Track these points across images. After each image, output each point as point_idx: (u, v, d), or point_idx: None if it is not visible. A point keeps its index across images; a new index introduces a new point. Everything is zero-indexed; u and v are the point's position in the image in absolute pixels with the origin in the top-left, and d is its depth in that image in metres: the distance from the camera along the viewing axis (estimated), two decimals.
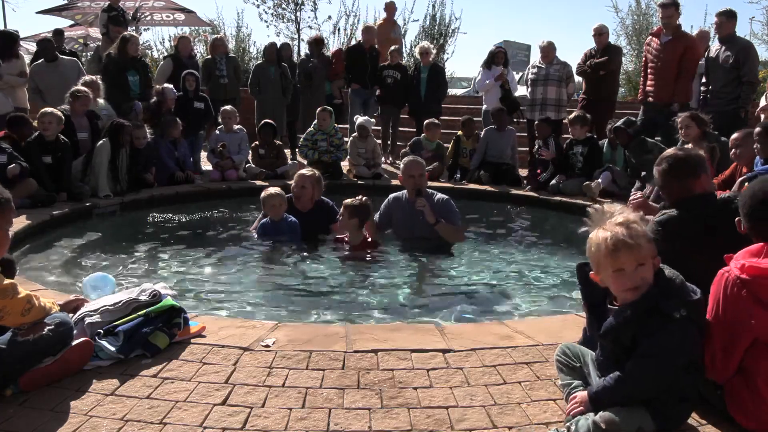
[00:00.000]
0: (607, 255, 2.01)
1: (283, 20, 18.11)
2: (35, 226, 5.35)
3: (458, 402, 2.30)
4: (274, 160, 8.43)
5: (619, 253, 1.98)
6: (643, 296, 2.00)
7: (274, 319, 3.29)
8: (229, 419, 2.17)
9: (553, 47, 8.90)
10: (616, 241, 1.98)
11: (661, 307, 1.97)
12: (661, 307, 1.97)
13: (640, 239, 1.99)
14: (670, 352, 1.97)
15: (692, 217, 2.80)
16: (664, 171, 2.97)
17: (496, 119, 8.50)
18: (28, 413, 2.21)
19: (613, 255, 1.99)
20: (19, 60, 7.91)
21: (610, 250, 1.99)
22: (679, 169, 2.94)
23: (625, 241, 1.97)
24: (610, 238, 2.00)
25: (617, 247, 1.98)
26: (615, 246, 1.98)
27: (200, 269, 4.62)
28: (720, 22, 7.55)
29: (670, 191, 2.98)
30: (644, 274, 2.00)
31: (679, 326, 1.97)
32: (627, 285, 2.01)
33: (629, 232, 1.99)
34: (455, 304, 3.91)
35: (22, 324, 2.47)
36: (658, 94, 7.59)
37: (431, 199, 4.98)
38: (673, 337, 1.96)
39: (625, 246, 1.97)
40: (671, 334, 1.96)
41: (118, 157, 6.69)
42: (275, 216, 5.05)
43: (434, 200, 4.98)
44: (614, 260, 2.00)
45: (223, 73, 9.26)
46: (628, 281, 2.00)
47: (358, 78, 9.66)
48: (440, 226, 4.83)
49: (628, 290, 2.01)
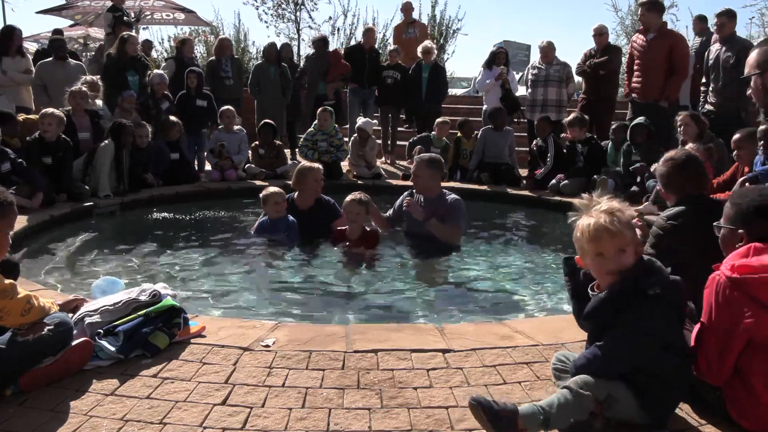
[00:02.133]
0: (590, 240, 2.12)
1: (283, 20, 18.16)
2: (35, 226, 5.35)
3: (458, 402, 2.30)
4: (274, 160, 8.44)
5: (601, 238, 2.09)
6: (623, 278, 2.09)
7: (274, 319, 3.29)
8: (229, 419, 2.17)
9: (553, 47, 8.91)
10: (599, 227, 2.09)
11: (639, 284, 2.07)
12: (639, 284, 2.07)
13: (623, 226, 2.09)
14: (643, 327, 2.05)
15: (701, 212, 2.83)
16: (673, 169, 3.01)
17: (493, 119, 8.48)
18: (28, 413, 2.21)
19: (595, 240, 2.11)
20: (24, 58, 7.93)
21: (593, 236, 2.11)
22: (686, 168, 2.98)
23: (607, 227, 2.08)
24: (594, 224, 2.11)
25: (599, 233, 2.09)
26: (597, 231, 2.09)
27: (200, 269, 4.62)
28: (721, 22, 7.54)
29: (677, 189, 3.00)
30: (625, 259, 2.10)
31: (654, 302, 2.05)
32: (608, 269, 2.11)
33: (612, 219, 2.09)
34: (455, 304, 3.91)
35: (22, 324, 2.47)
36: (643, 92, 7.58)
37: (442, 199, 4.99)
38: (645, 311, 2.05)
39: (607, 232, 2.08)
40: (644, 309, 2.05)
41: (121, 157, 6.70)
42: (274, 215, 5.05)
43: (445, 200, 4.99)
44: (596, 245, 2.11)
45: (228, 74, 9.27)
46: (609, 265, 2.10)
47: (357, 78, 9.67)
48: (431, 225, 4.83)
49: (609, 274, 2.12)
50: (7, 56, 7.68)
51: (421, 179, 5.01)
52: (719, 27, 7.64)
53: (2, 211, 2.42)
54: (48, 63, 7.92)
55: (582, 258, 2.23)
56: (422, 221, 4.85)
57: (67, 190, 6.27)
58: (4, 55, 7.67)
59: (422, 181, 5.02)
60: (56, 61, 7.91)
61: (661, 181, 3.23)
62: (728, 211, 2.30)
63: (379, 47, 16.33)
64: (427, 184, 5.02)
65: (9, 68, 7.65)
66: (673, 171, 3.07)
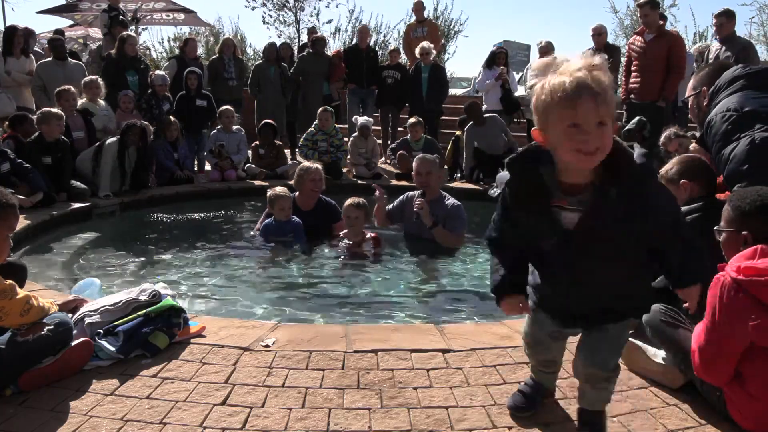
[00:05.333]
0: (565, 101, 1.56)
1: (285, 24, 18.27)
2: (35, 226, 5.35)
3: (458, 402, 2.30)
4: (273, 160, 8.45)
5: (581, 99, 1.54)
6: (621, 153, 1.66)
7: (274, 319, 3.29)
8: (229, 419, 2.17)
9: (552, 48, 8.91)
10: (579, 83, 1.55)
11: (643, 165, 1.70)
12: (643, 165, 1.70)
13: (607, 89, 1.58)
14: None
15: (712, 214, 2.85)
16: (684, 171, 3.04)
17: (470, 114, 8.26)
18: (28, 413, 2.21)
19: (572, 101, 1.55)
20: (28, 59, 7.94)
21: (570, 95, 1.55)
22: (697, 170, 3.02)
23: (590, 85, 1.55)
24: (571, 80, 1.56)
25: (579, 92, 1.54)
26: (578, 89, 1.55)
27: (200, 269, 4.62)
28: (720, 22, 7.56)
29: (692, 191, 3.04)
30: (605, 136, 1.59)
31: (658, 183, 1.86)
32: (587, 145, 1.58)
33: (594, 77, 1.56)
34: (455, 304, 3.91)
35: (22, 324, 2.47)
36: (641, 93, 7.59)
37: (442, 202, 4.97)
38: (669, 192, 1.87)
39: (589, 91, 1.55)
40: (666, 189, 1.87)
41: (125, 156, 6.71)
42: (282, 217, 5.01)
43: (444, 203, 4.97)
44: (573, 109, 1.56)
45: (231, 75, 9.27)
46: (590, 140, 1.57)
47: (355, 78, 9.67)
48: (437, 231, 4.83)
49: (586, 154, 1.59)
50: (12, 56, 7.69)
51: (433, 177, 4.99)
52: (718, 27, 7.65)
53: (2, 213, 2.42)
54: (48, 63, 7.92)
55: (544, 129, 1.66)
56: (428, 227, 4.83)
57: (67, 190, 6.27)
58: (8, 56, 7.68)
59: (434, 180, 5.00)
60: (56, 61, 7.91)
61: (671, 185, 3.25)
62: (729, 214, 2.28)
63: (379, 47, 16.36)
64: (436, 183, 5.02)
65: (13, 69, 7.66)
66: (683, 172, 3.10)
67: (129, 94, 7.85)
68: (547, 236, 1.82)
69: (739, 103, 2.90)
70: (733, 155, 2.80)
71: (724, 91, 3.06)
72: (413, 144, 8.50)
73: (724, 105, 2.96)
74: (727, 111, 2.90)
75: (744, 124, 2.81)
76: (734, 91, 3.01)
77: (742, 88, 2.99)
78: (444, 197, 5.04)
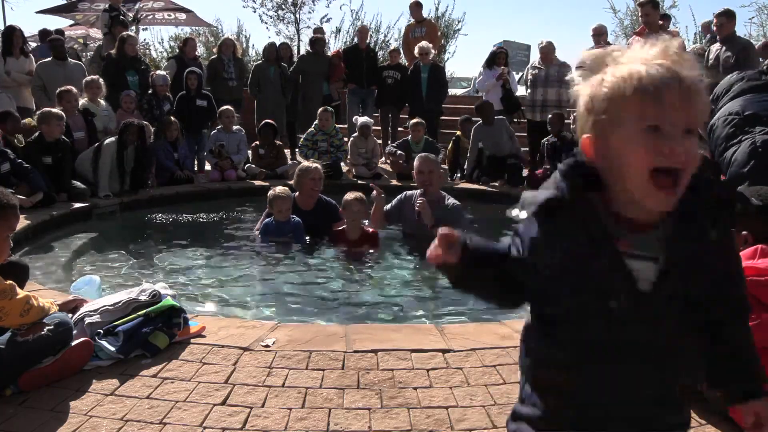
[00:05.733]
0: (645, 92, 1.01)
1: (283, 22, 18.26)
2: (35, 226, 5.34)
3: (458, 402, 2.30)
4: (273, 160, 8.44)
5: (670, 90, 1.00)
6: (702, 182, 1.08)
7: (274, 319, 3.29)
8: (229, 419, 2.17)
9: (553, 48, 8.89)
10: (665, 74, 1.01)
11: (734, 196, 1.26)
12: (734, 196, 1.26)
13: (702, 89, 1.04)
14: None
15: None
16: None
17: (481, 113, 8.27)
18: (28, 413, 2.21)
19: (657, 92, 1.00)
20: (28, 59, 7.94)
21: (656, 84, 1.00)
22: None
23: (682, 76, 1.01)
24: (650, 70, 1.02)
25: (665, 84, 1.00)
26: (662, 81, 1.00)
27: (200, 269, 4.62)
28: (720, 22, 7.55)
29: None
30: (692, 148, 1.02)
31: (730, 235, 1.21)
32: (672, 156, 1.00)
33: (686, 66, 1.04)
34: (455, 304, 3.91)
35: (22, 324, 2.48)
36: None
37: (442, 202, 4.97)
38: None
39: (680, 84, 1.01)
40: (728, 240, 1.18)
41: (124, 156, 6.71)
42: (282, 218, 5.00)
43: (444, 204, 4.96)
44: (656, 104, 1.00)
45: (231, 75, 9.27)
46: (677, 148, 1.00)
47: (355, 78, 9.67)
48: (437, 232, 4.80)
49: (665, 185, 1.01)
50: (11, 57, 7.70)
51: (435, 176, 4.98)
52: (718, 28, 7.64)
53: (3, 213, 2.42)
54: (48, 63, 7.92)
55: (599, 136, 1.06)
56: (429, 227, 4.82)
57: (68, 190, 6.27)
58: (8, 56, 7.68)
59: (435, 179, 4.99)
60: (56, 61, 7.91)
61: None
62: None
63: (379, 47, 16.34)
64: (438, 182, 5.02)
65: (12, 69, 7.66)
66: None
67: (131, 95, 7.85)
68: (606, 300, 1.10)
69: (741, 107, 2.91)
70: (735, 158, 2.81)
71: (724, 97, 3.07)
72: (414, 145, 8.51)
73: (726, 109, 2.97)
74: (729, 114, 2.92)
75: (745, 127, 2.82)
76: (736, 94, 3.02)
77: (743, 92, 3.00)
78: (444, 197, 5.04)
